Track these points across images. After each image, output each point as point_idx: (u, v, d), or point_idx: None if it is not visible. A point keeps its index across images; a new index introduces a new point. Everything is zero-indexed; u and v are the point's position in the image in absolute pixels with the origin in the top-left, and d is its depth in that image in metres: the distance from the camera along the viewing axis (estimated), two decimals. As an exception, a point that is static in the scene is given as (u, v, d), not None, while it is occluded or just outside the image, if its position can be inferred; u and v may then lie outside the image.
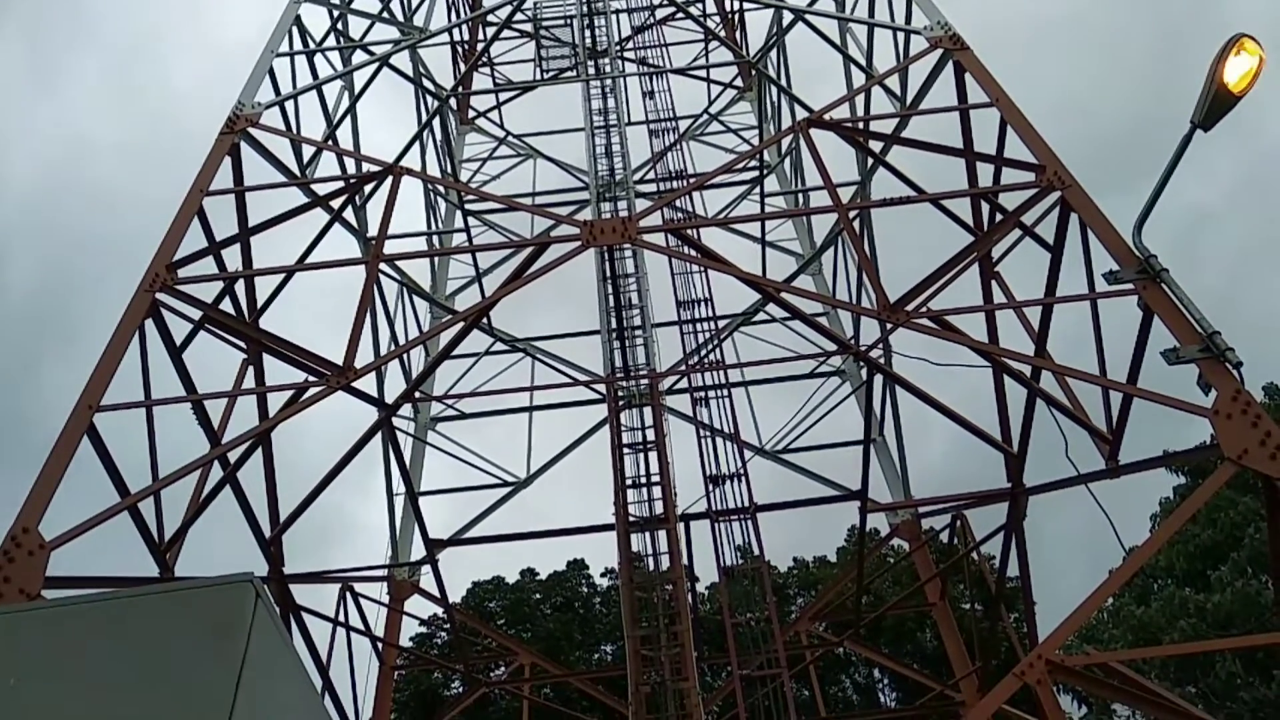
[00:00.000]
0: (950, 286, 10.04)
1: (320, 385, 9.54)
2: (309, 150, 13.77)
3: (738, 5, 21.47)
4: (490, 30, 21.36)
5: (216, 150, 11.53)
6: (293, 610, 11.39)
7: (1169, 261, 8.84)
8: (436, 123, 19.05)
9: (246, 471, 10.37)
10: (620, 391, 13.96)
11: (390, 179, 11.52)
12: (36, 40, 64.78)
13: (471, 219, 19.21)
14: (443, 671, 23.54)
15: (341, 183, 12.54)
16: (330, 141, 14.68)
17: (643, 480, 12.84)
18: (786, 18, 17.11)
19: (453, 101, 20.87)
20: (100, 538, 8.52)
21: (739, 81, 22.00)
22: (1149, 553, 10.74)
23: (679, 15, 21.09)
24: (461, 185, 19.34)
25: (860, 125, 12.87)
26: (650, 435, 13.21)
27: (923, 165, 11.67)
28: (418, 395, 15.77)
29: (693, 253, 12.02)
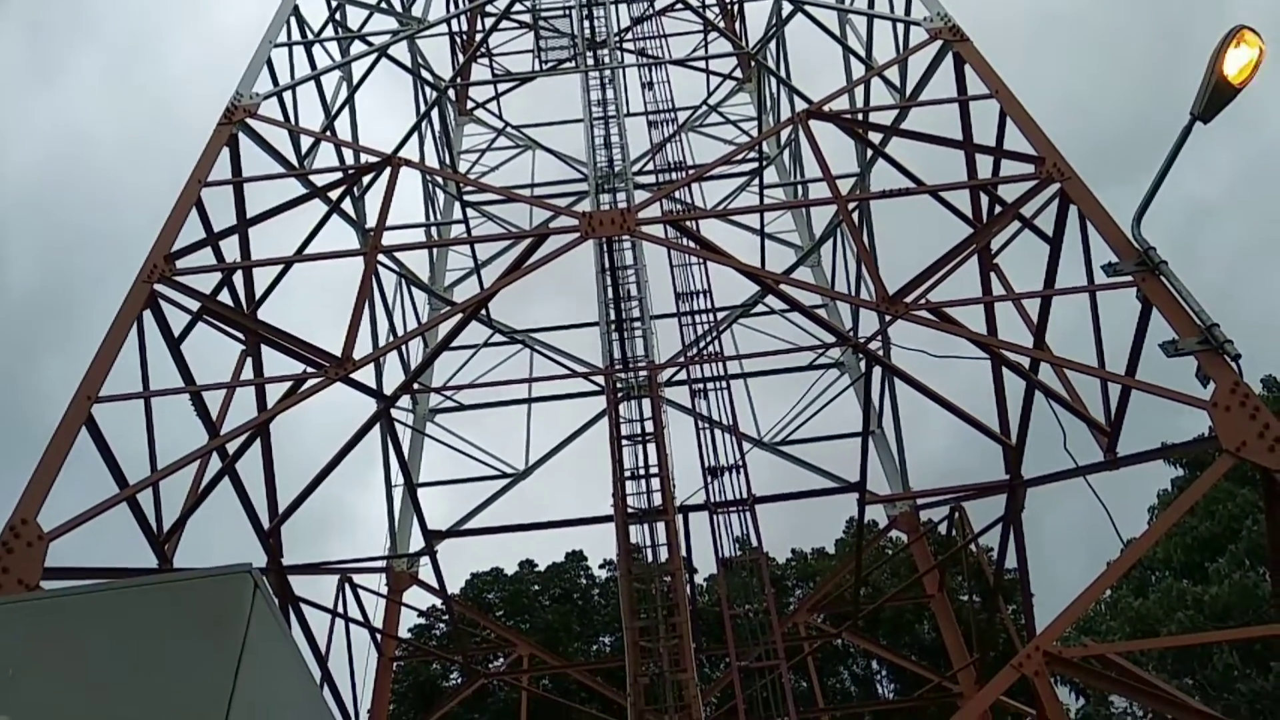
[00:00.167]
0: (949, 278, 10.03)
1: (319, 376, 9.54)
2: (307, 141, 13.74)
3: (737, -4, 21.45)
4: (489, 21, 21.26)
5: (214, 141, 11.51)
6: (291, 601, 11.40)
7: (1168, 254, 8.85)
8: (435, 114, 19.02)
9: (245, 463, 10.37)
10: (619, 383, 13.95)
11: (388, 170, 11.50)
12: (36, 33, 64.66)
13: (470, 210, 19.17)
14: (441, 663, 23.57)
15: (340, 174, 12.54)
16: (328, 132, 14.65)
17: (641, 472, 12.85)
18: (786, 9, 17.10)
19: (451, 92, 20.83)
20: (99, 529, 8.53)
21: (738, 73, 21.96)
22: (1147, 545, 10.77)
23: (678, 6, 21.05)
24: (460, 176, 19.30)
25: (860, 117, 12.85)
26: (649, 427, 13.22)
27: (922, 157, 11.67)
28: (416, 387, 15.78)
29: (691, 244, 12.01)
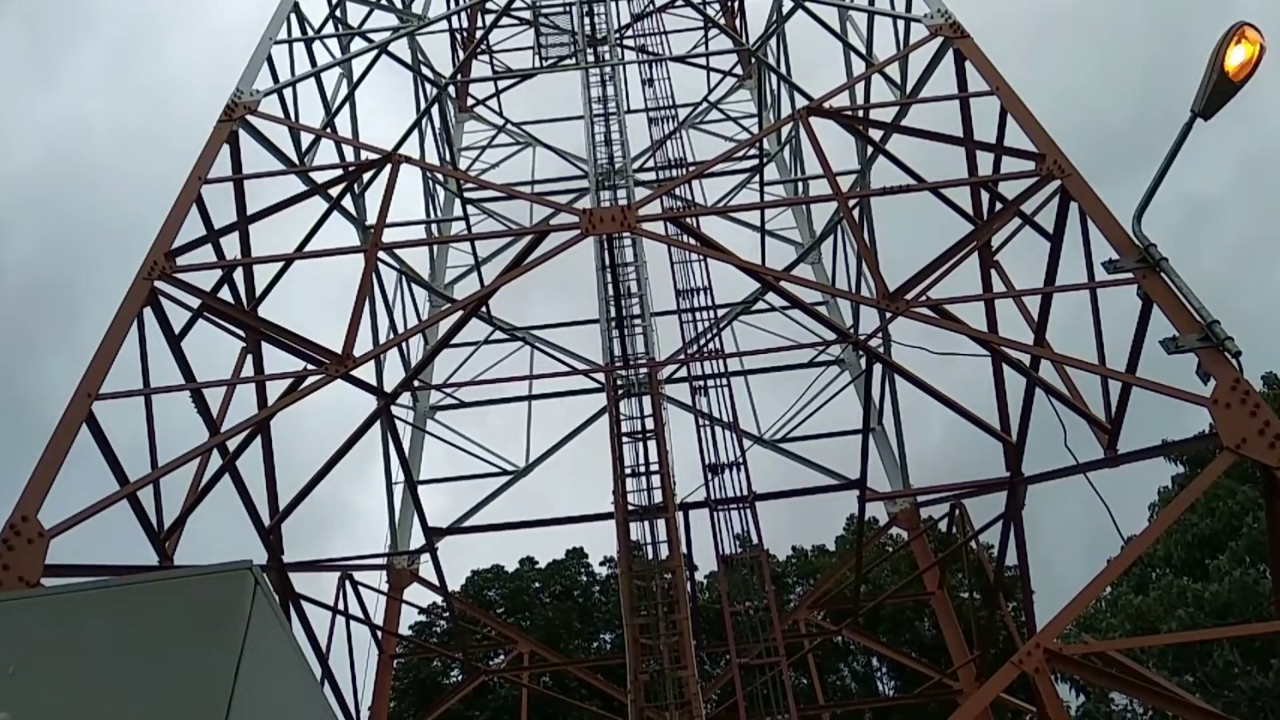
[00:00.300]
0: (950, 275, 10.03)
1: (319, 374, 9.54)
2: (307, 138, 13.73)
3: (737, -7, 21.43)
4: (489, 18, 21.26)
5: (215, 138, 11.50)
6: (292, 598, 11.41)
7: (1168, 251, 8.84)
8: (435, 111, 19.01)
9: (245, 460, 10.37)
10: (619, 380, 13.95)
11: (389, 167, 11.49)
12: (36, 26, 64.61)
13: (470, 207, 19.16)
14: (442, 660, 23.56)
15: (340, 171, 12.52)
16: (329, 129, 14.64)
17: (642, 469, 12.85)
18: (786, 5, 17.08)
19: (451, 89, 20.82)
20: (99, 526, 8.53)
21: (739, 69, 21.95)
22: (1147, 542, 10.77)
23: (678, 3, 21.06)
24: (460, 173, 19.29)
25: (860, 113, 12.84)
26: (649, 424, 13.22)
27: (923, 154, 11.66)
28: (416, 384, 15.77)
29: (692, 241, 12.00)
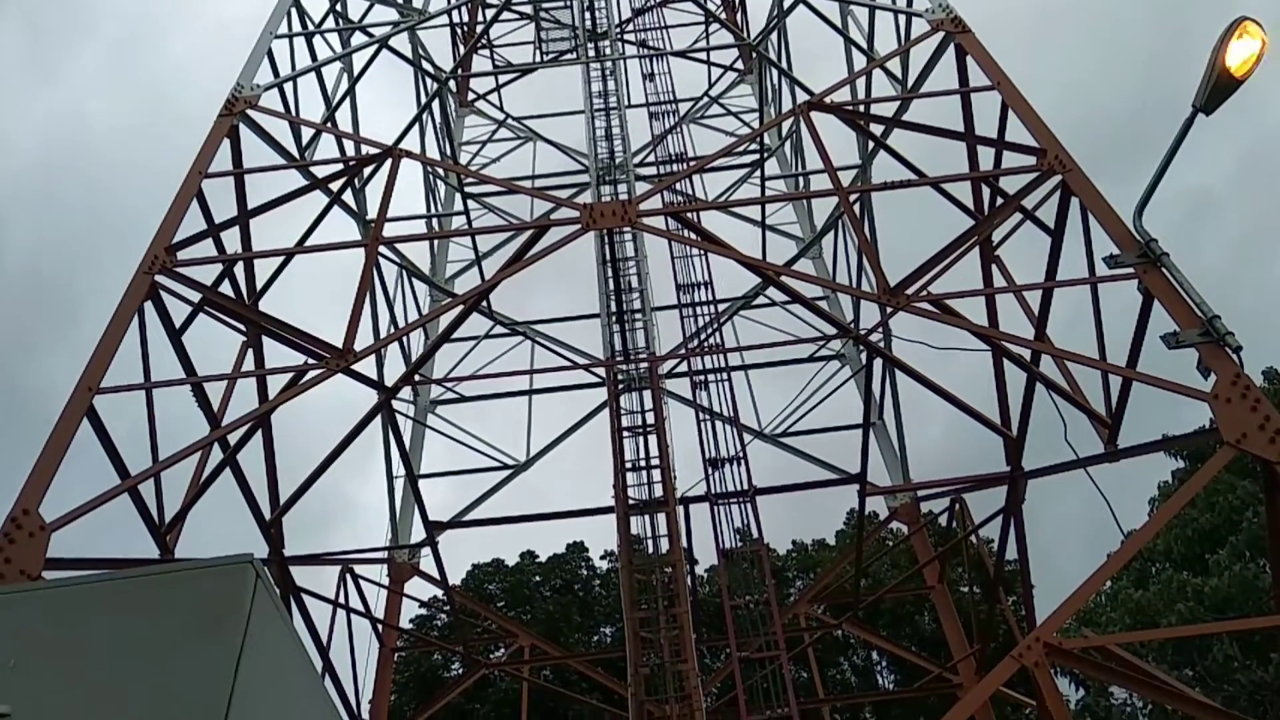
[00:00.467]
0: (950, 270, 10.03)
1: (320, 368, 9.55)
2: (308, 132, 13.73)
3: (738, -13, 21.41)
4: (490, 12, 21.27)
5: (215, 132, 11.50)
6: (293, 592, 11.43)
7: (1169, 245, 8.84)
8: (436, 105, 18.99)
9: (246, 454, 10.39)
10: (620, 375, 13.96)
11: (389, 161, 11.49)
12: (35, 21, 64.53)
13: (471, 202, 19.17)
14: (442, 653, 23.59)
15: (340, 165, 12.51)
16: (329, 124, 14.64)
17: (642, 463, 12.85)
18: (787, 0, 17.03)
19: (452, 84, 20.79)
20: (100, 520, 8.54)
21: (739, 64, 21.91)
22: (1147, 536, 10.78)
23: (679, -3, 21.00)
24: (461, 168, 19.29)
25: (861, 108, 12.83)
26: (650, 418, 13.22)
27: (923, 149, 11.65)
28: (417, 378, 15.78)
29: (693, 236, 12.00)
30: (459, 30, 22.26)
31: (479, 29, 20.87)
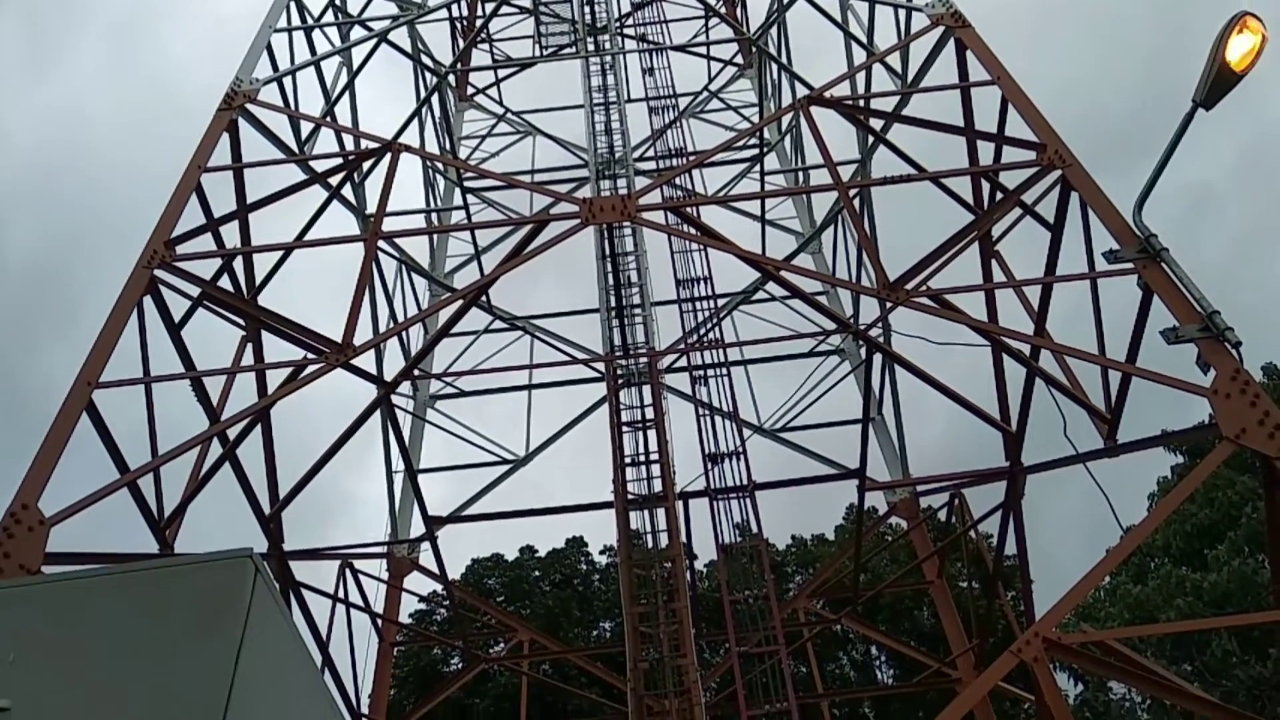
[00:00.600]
0: (950, 265, 10.02)
1: (319, 362, 9.54)
2: (307, 127, 13.71)
3: (738, -19, 21.38)
4: (489, 6, 21.19)
5: (214, 127, 11.49)
6: (292, 586, 11.43)
7: (1169, 240, 8.84)
8: (435, 99, 18.97)
9: (245, 448, 10.38)
10: (619, 370, 13.95)
11: (389, 156, 11.47)
12: (34, 15, 64.43)
13: (470, 196, 19.14)
14: (442, 648, 23.63)
15: (340, 159, 12.51)
16: (329, 118, 14.62)
17: (642, 458, 12.86)
18: (787, -6, 17.02)
19: (451, 78, 20.77)
20: (100, 514, 8.55)
21: (739, 59, 21.88)
22: (1146, 531, 10.79)
23: (679, -9, 20.94)
24: (460, 163, 19.26)
25: (861, 103, 12.81)
26: (649, 413, 13.22)
27: (923, 144, 11.64)
28: (417, 373, 15.79)
29: (692, 231, 11.99)
30: (458, 25, 22.24)
31: (478, 23, 20.83)
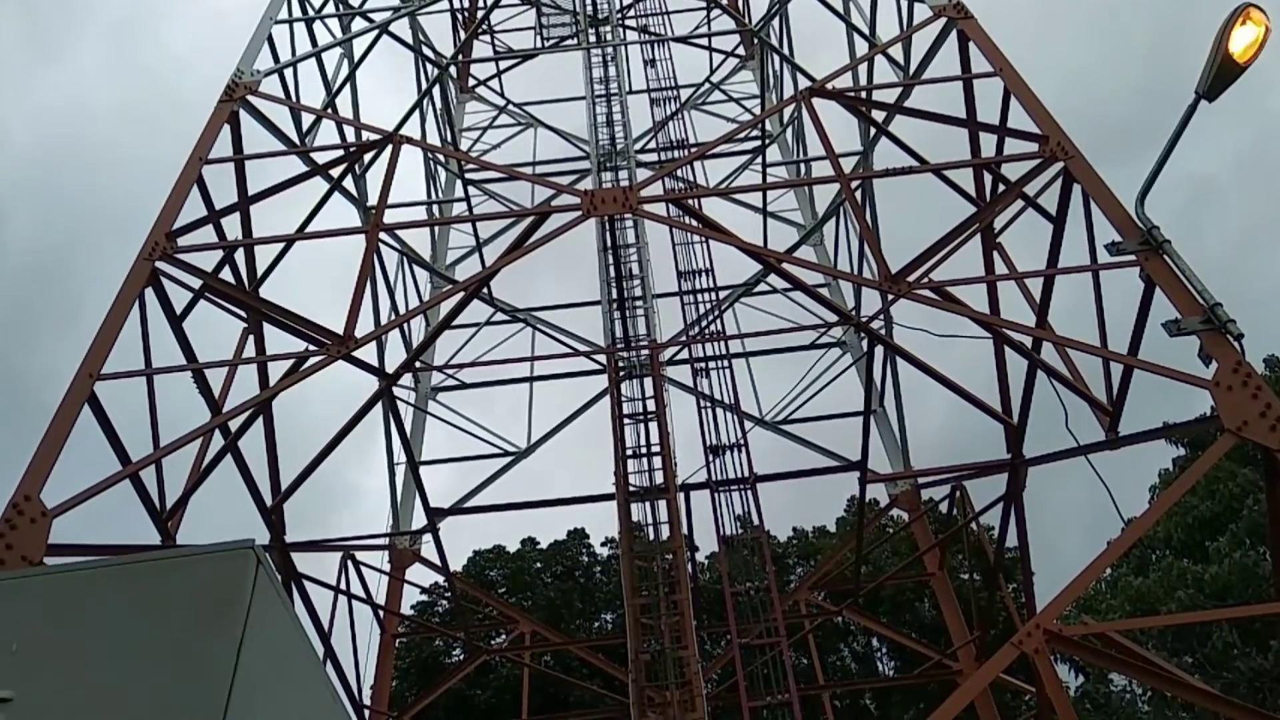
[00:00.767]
0: (952, 258, 10.01)
1: (320, 354, 9.54)
2: (308, 119, 13.69)
3: (740, -28, 21.32)
4: (490, -3, 21.18)
5: (215, 118, 11.48)
6: (294, 578, 11.45)
7: (1171, 233, 8.82)
8: (436, 91, 18.94)
9: (247, 440, 10.40)
10: (621, 362, 13.95)
11: (390, 148, 11.47)
12: (34, 7, 64.32)
13: (472, 188, 19.13)
14: (444, 639, 23.64)
15: (341, 151, 12.48)
16: (330, 110, 14.60)
17: (643, 450, 12.85)
18: (789, -15, 16.98)
19: (452, 70, 20.74)
20: (102, 506, 8.56)
21: (741, 50, 21.86)
22: (1148, 524, 10.78)
23: (681, -18, 20.91)
24: (462, 154, 19.24)
25: (863, 95, 12.79)
26: (650, 405, 13.22)
27: (925, 135, 11.62)
28: (418, 365, 15.78)
29: (694, 223, 11.98)
30: (459, 16, 22.19)
31: (479, 14, 20.80)
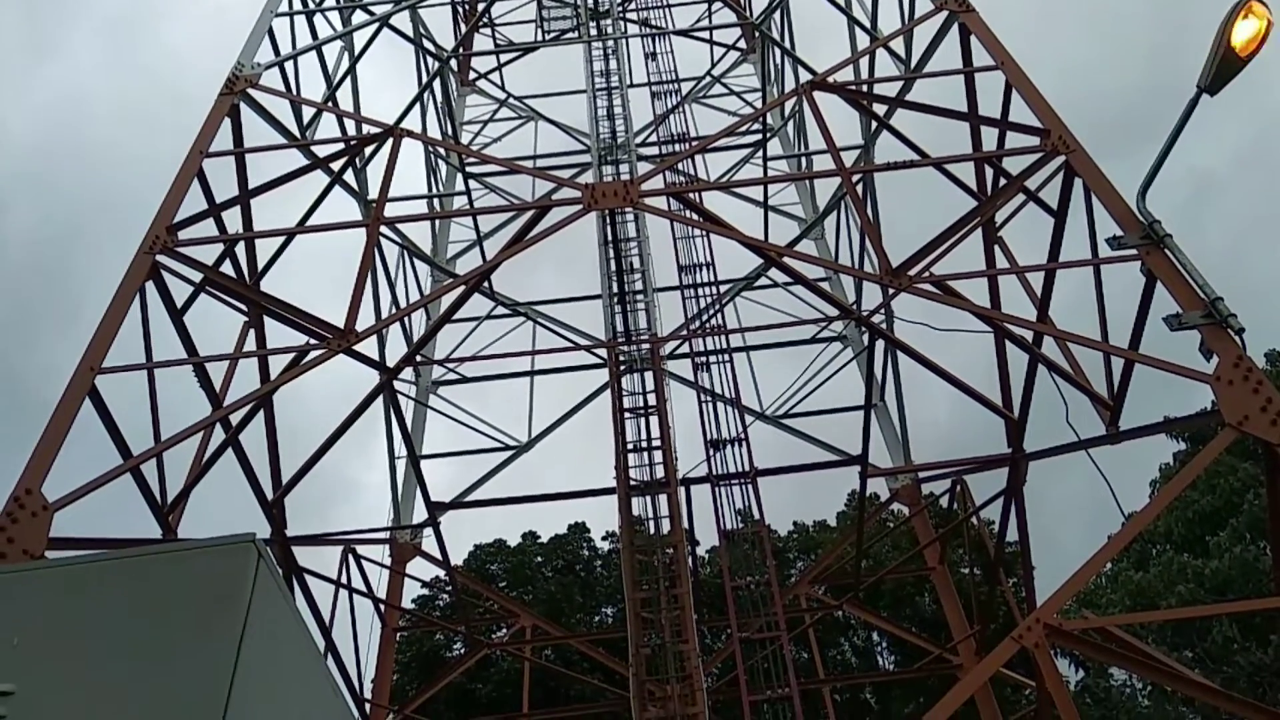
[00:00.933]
0: (953, 252, 10.01)
1: (321, 348, 9.54)
2: (309, 112, 13.68)
3: (741, -34, 21.27)
4: (491, -10, 21.13)
5: (216, 112, 11.47)
6: (295, 572, 11.46)
7: (1172, 227, 8.82)
8: (437, 84, 18.91)
9: (248, 434, 10.39)
10: (621, 356, 13.95)
11: (390, 141, 11.46)
12: (32, 2, 64.23)
13: (472, 182, 19.10)
14: (444, 633, 23.66)
15: (342, 144, 12.48)
16: (330, 103, 14.58)
17: (644, 444, 12.85)
18: (790, -21, 16.94)
19: (453, 63, 20.71)
20: (103, 499, 8.56)
21: (742, 43, 21.82)
22: (1148, 518, 10.77)
23: (682, -24, 20.87)
24: (462, 148, 19.21)
25: (864, 88, 12.77)
26: (651, 399, 13.22)
27: (927, 129, 11.60)
28: (419, 359, 15.78)
29: (694, 216, 11.97)
30: (460, 9, 22.14)
31: (480, 7, 20.76)
